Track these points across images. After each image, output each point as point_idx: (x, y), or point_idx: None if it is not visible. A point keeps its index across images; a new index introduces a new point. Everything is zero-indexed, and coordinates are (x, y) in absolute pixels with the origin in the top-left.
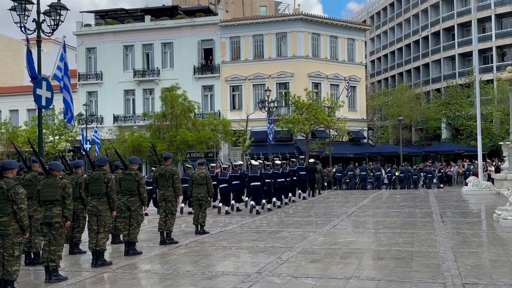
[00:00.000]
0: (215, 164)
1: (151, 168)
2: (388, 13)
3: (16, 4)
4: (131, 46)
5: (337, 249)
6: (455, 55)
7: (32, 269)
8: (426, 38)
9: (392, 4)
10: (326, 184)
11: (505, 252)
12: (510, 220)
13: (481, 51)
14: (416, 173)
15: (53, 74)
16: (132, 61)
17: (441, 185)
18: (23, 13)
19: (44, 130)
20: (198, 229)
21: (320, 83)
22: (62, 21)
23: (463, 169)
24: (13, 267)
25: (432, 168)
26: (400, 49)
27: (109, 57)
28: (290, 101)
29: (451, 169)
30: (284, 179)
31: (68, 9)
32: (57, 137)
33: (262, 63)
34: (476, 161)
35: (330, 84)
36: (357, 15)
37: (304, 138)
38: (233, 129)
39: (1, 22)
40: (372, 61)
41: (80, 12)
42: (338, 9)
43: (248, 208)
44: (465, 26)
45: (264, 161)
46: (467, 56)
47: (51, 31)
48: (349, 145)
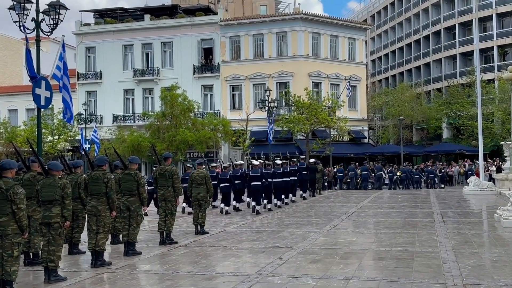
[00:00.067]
0: (216, 164)
1: (152, 168)
2: (388, 12)
3: (15, 3)
4: (130, 46)
5: (338, 249)
6: (456, 54)
7: (31, 270)
8: (427, 37)
9: (393, 3)
10: (326, 184)
11: (506, 253)
12: (511, 220)
13: (482, 51)
14: (418, 173)
15: (52, 74)
16: (131, 61)
17: (442, 185)
18: (22, 12)
19: (43, 130)
20: (198, 229)
21: (320, 83)
22: (61, 20)
23: (464, 169)
24: (12, 267)
25: (434, 168)
26: (401, 48)
27: (108, 57)
28: (290, 101)
29: (452, 169)
30: (284, 179)
31: (67, 8)
32: (56, 137)
33: (262, 62)
34: (477, 161)
35: (331, 84)
36: (357, 14)
37: (304, 138)
38: (233, 129)
39: (0, 21)
40: (373, 61)
41: (80, 11)
42: (338, 8)
43: (250, 209)
44: (466, 25)
45: (265, 161)
46: (468, 55)
47: (50, 30)
48: (349, 145)
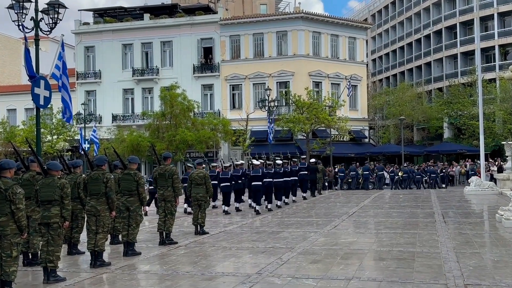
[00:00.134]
0: (216, 163)
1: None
2: (389, 12)
3: (14, 2)
4: (130, 45)
5: (338, 249)
6: (457, 53)
7: (30, 270)
8: (428, 36)
9: (393, 2)
10: (327, 184)
11: (507, 253)
12: None
13: (483, 50)
14: (420, 173)
15: (51, 73)
16: (131, 60)
17: (443, 185)
18: (21, 11)
19: (42, 130)
20: (198, 229)
21: (321, 82)
22: (61, 20)
23: (465, 169)
24: (11, 267)
25: (436, 168)
26: (402, 47)
27: (107, 56)
28: (290, 100)
29: (453, 169)
30: (285, 179)
31: (66, 7)
32: (55, 137)
33: (262, 61)
34: (478, 161)
35: (331, 83)
36: (358, 13)
37: (304, 137)
38: (233, 128)
39: None
40: (374, 60)
41: (79, 10)
42: (339, 7)
43: (252, 210)
44: (468, 24)
45: (266, 161)
46: (469, 54)
47: (49, 29)
48: (350, 144)
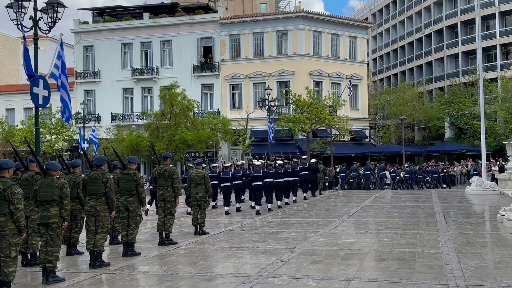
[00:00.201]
0: (216, 163)
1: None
2: (390, 11)
3: (12, 1)
4: (129, 44)
5: (339, 250)
6: (458, 53)
7: (29, 270)
8: (429, 36)
9: (394, 2)
10: (327, 184)
11: (509, 253)
12: None
13: (485, 49)
14: (421, 173)
15: (50, 72)
16: (130, 59)
17: (444, 185)
18: (20, 10)
19: (41, 129)
20: (198, 229)
21: (321, 82)
22: (59, 19)
23: (466, 169)
24: (9, 268)
25: (437, 168)
26: (403, 47)
27: (107, 55)
28: (290, 100)
29: (454, 169)
30: (286, 179)
31: (65, 6)
32: (54, 136)
33: (263, 61)
34: (479, 161)
35: (332, 83)
36: (359, 12)
37: (305, 137)
38: (233, 128)
39: None
40: (374, 59)
41: (78, 9)
42: (339, 7)
43: (253, 210)
44: (469, 23)
45: (267, 161)
46: (470, 54)
47: (48, 28)
48: (350, 144)
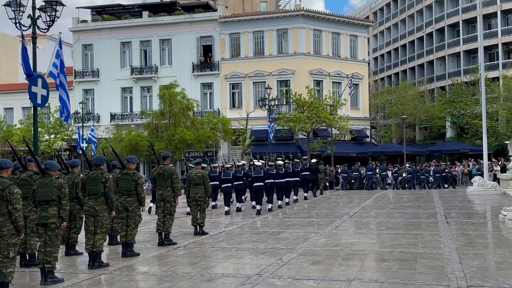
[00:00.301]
0: (216, 163)
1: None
2: (391, 9)
3: None
4: (128, 43)
5: (339, 250)
6: (460, 52)
7: (28, 271)
8: (430, 34)
9: (395, 0)
10: (327, 184)
11: (511, 254)
12: None
13: (486, 48)
14: (424, 173)
15: (49, 72)
16: (129, 58)
17: (446, 185)
18: (18, 8)
19: (39, 129)
20: (197, 230)
21: (322, 81)
22: (58, 17)
23: (468, 169)
24: (8, 268)
25: (440, 168)
26: (404, 46)
27: (106, 54)
28: (291, 99)
29: (456, 169)
30: (287, 179)
31: (64, 5)
32: (52, 136)
33: (263, 60)
34: (481, 161)
35: (332, 82)
36: (359, 11)
37: (305, 137)
38: (233, 127)
39: None
40: (375, 58)
41: (76, 8)
42: (340, 5)
43: (254, 210)
44: (471, 22)
45: (267, 161)
46: (472, 53)
47: (47, 27)
48: (351, 144)
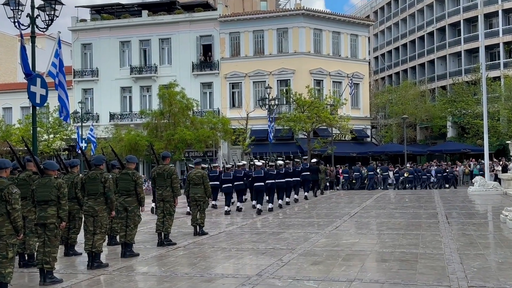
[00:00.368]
0: (216, 163)
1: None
2: (392, 8)
3: None
4: (127, 42)
5: (340, 250)
6: (461, 51)
7: (26, 271)
8: (431, 34)
9: None
10: (328, 184)
11: None
12: None
13: (488, 47)
14: (425, 173)
15: (48, 71)
16: (128, 58)
17: (447, 185)
18: (17, 7)
19: (38, 129)
20: (197, 230)
21: (322, 80)
22: (57, 16)
23: (469, 169)
24: (6, 269)
25: (441, 168)
26: (405, 45)
27: (105, 53)
28: (291, 99)
29: (457, 169)
30: (287, 179)
31: (63, 4)
32: (51, 136)
33: (263, 59)
34: (482, 161)
35: (333, 81)
36: (360, 10)
37: (305, 136)
38: (233, 127)
39: None
40: (376, 58)
41: (76, 7)
42: (340, 4)
43: (254, 210)
44: (472, 21)
45: (268, 162)
46: (473, 52)
47: (46, 26)
48: (352, 144)
